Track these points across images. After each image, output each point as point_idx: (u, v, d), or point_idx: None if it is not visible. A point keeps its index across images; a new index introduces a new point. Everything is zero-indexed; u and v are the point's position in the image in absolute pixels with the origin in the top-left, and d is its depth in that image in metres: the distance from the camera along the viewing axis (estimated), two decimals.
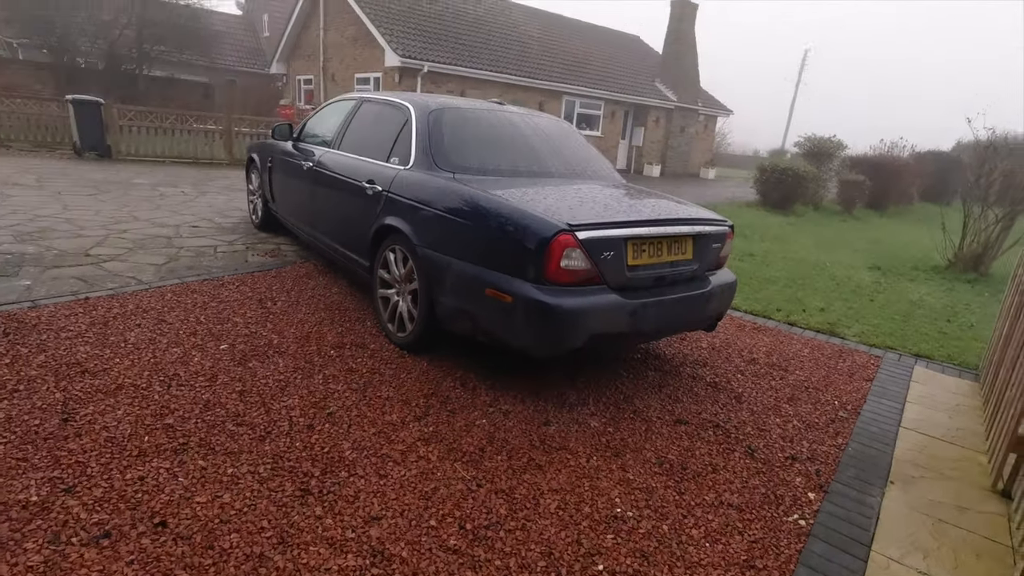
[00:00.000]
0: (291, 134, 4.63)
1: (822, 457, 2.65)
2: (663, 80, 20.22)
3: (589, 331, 2.46)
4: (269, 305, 3.61)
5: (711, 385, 3.27)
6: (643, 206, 2.88)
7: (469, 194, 2.71)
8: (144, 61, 17.10)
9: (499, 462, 2.28)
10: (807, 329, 4.52)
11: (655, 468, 2.38)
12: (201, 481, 1.96)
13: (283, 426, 2.33)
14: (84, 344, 2.80)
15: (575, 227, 2.39)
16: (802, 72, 42.87)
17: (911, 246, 9.49)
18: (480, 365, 3.10)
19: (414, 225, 2.91)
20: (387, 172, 3.22)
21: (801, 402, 3.19)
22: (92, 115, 9.94)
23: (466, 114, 3.35)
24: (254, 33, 25.22)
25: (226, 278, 4.04)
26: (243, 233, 5.42)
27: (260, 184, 5.27)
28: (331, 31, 16.42)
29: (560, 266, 2.39)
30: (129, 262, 4.15)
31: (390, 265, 3.16)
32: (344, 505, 1.93)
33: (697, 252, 2.93)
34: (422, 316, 2.93)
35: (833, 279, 6.33)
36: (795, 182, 11.57)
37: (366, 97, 3.95)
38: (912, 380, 3.69)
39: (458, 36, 15.46)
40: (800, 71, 42.56)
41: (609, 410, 2.82)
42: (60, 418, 2.20)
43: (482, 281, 2.55)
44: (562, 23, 20.53)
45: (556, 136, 3.60)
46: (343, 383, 2.73)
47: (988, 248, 7.08)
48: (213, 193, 7.60)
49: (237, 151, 11.27)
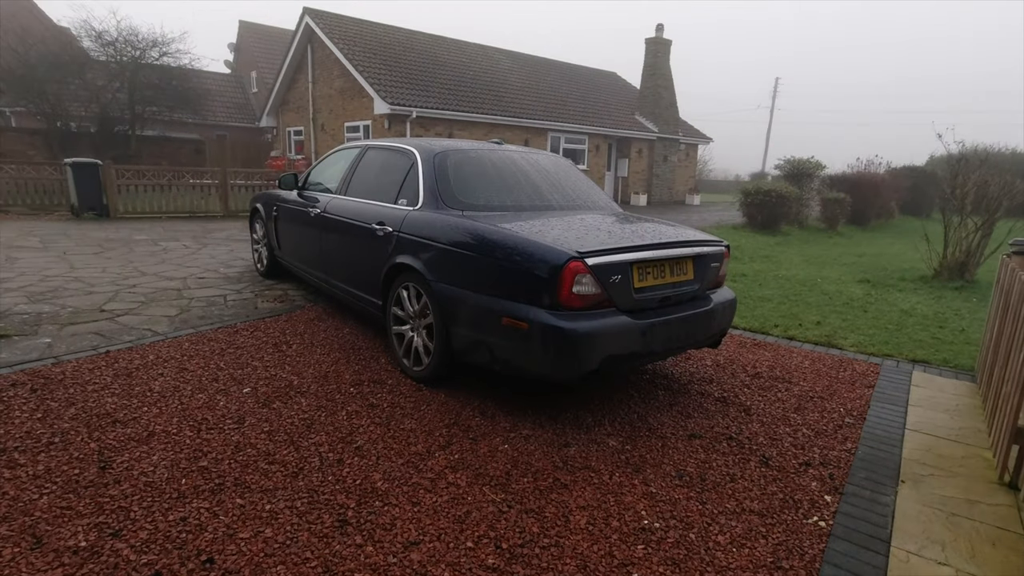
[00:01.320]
0: (296, 183, 4.80)
1: (834, 462, 2.74)
2: (643, 113, 20.92)
3: (604, 353, 2.57)
4: (285, 348, 3.70)
5: (719, 400, 3.37)
6: (644, 231, 3.04)
7: (480, 229, 2.86)
8: (136, 122, 17.48)
9: (526, 484, 2.35)
10: (805, 342, 4.65)
11: (676, 481, 2.46)
12: (241, 518, 2.02)
13: (314, 462, 2.39)
14: (111, 395, 2.87)
15: (584, 254, 2.54)
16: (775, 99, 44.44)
17: (896, 258, 9.76)
18: (496, 394, 3.19)
19: (427, 262, 3.04)
20: (396, 213, 3.37)
21: (808, 411, 3.30)
22: (90, 177, 10.15)
23: (469, 155, 3.54)
24: (243, 89, 25.90)
25: (239, 325, 4.13)
26: (249, 281, 5.53)
27: (265, 233, 5.41)
28: (319, 84, 16.95)
29: (572, 292, 2.52)
30: (143, 315, 4.24)
31: (403, 302, 3.28)
32: (382, 533, 1.99)
33: (697, 272, 3.08)
34: (439, 349, 3.03)
35: (825, 294, 6.51)
36: (779, 203, 11.92)
37: (370, 144, 4.14)
38: (912, 384, 3.81)
39: (443, 82, 16.02)
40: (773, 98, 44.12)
41: (625, 429, 2.91)
42: (98, 466, 2.26)
43: (498, 311, 2.67)
44: (542, 64, 21.32)
45: (554, 171, 3.80)
46: (366, 418, 2.81)
47: (970, 255, 7.32)
48: (214, 245, 7.74)
49: (232, 203, 11.49)
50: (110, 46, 16.42)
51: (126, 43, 16.52)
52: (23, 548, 1.81)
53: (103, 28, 16.53)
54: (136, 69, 16.64)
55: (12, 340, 3.57)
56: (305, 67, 17.36)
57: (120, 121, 17.31)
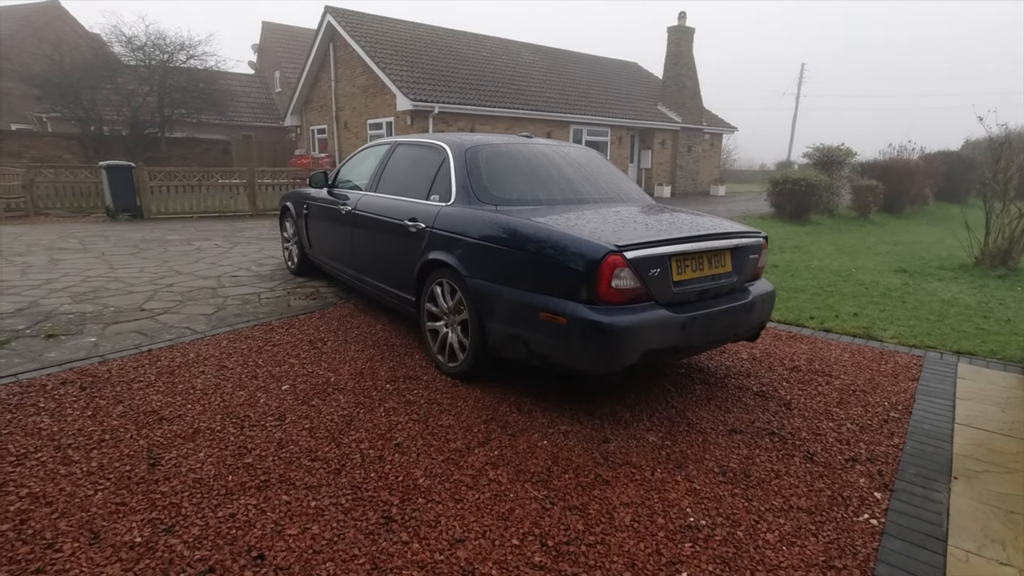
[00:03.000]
0: (326, 181, 4.84)
1: (882, 457, 2.66)
2: (665, 103, 20.61)
3: (643, 347, 2.54)
4: (320, 346, 3.74)
5: (758, 394, 3.30)
6: (681, 223, 2.99)
7: (515, 224, 2.84)
8: (166, 124, 17.89)
9: (567, 480, 2.33)
10: (843, 334, 4.53)
11: (719, 477, 2.42)
12: (288, 515, 2.04)
13: (355, 459, 2.41)
14: (156, 393, 2.94)
15: (622, 247, 2.50)
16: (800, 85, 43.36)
17: (933, 246, 9.45)
18: (531, 389, 3.17)
19: (461, 258, 3.04)
20: (429, 209, 3.37)
21: (851, 405, 3.21)
22: (124, 179, 10.41)
23: (500, 149, 3.52)
24: (267, 89, 26.28)
25: (274, 323, 4.20)
26: (281, 279, 5.61)
27: (296, 231, 5.48)
28: (342, 82, 17.09)
29: (611, 286, 2.48)
30: (181, 314, 4.33)
31: (437, 298, 3.29)
32: (427, 530, 1.99)
33: (736, 264, 3.02)
34: (474, 345, 3.03)
35: (861, 284, 6.33)
36: (808, 192, 11.63)
37: (399, 141, 4.15)
38: (958, 377, 3.68)
39: (465, 77, 16.00)
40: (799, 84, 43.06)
41: (664, 424, 2.87)
42: (148, 463, 2.31)
43: (535, 306, 2.66)
44: (563, 55, 21.15)
45: (586, 164, 3.75)
46: (404, 415, 2.82)
47: (1014, 243, 7.04)
48: (244, 243, 7.87)
49: (260, 203, 11.67)
50: (139, 51, 16.81)
51: (155, 47, 16.89)
52: (82, 543, 1.86)
53: (132, 33, 16.97)
54: (165, 73, 17.01)
55: (60, 339, 3.68)
56: (328, 66, 17.52)
57: (150, 124, 17.73)
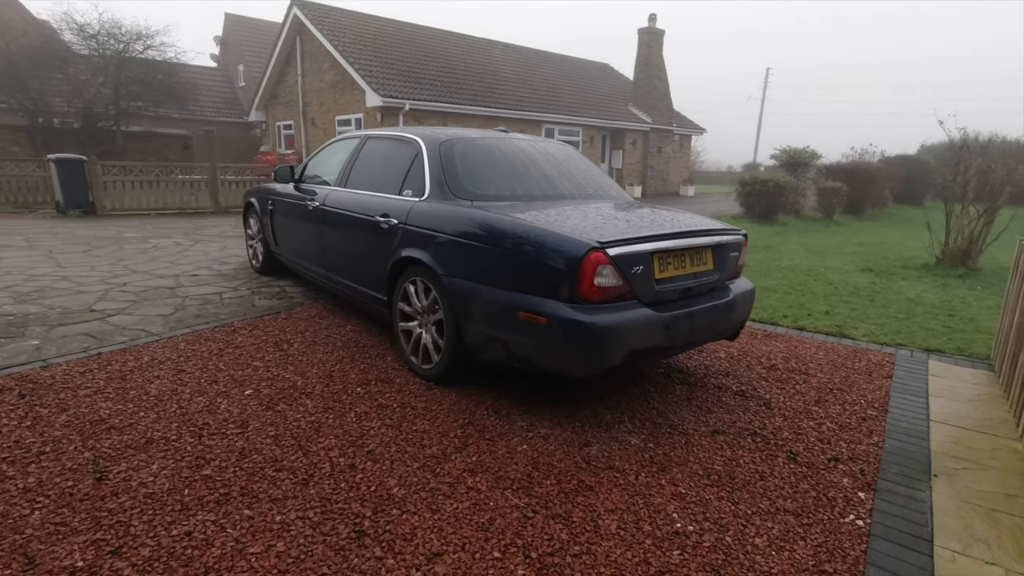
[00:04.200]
0: (292, 176, 4.64)
1: (863, 456, 2.64)
2: (636, 104, 20.79)
3: (627, 347, 2.46)
4: (286, 347, 3.55)
5: (738, 394, 3.27)
6: (663, 220, 2.92)
7: (493, 220, 2.72)
8: (121, 117, 17.11)
9: (549, 487, 2.23)
10: (816, 332, 4.57)
11: (704, 480, 2.36)
12: (251, 531, 1.88)
13: (324, 468, 2.26)
14: (105, 400, 2.72)
15: (605, 244, 2.41)
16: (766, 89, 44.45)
17: (896, 247, 9.73)
18: (509, 392, 3.06)
19: (436, 255, 2.91)
20: (402, 205, 3.23)
21: (829, 404, 3.21)
22: (75, 173, 9.88)
23: (476, 143, 3.40)
24: (230, 84, 25.49)
25: (237, 324, 3.98)
26: (245, 278, 5.36)
27: (260, 228, 5.24)
28: (309, 76, 16.66)
29: (593, 284, 2.40)
30: (136, 315, 4.07)
31: (411, 297, 3.15)
32: (403, 544, 1.86)
33: (717, 262, 2.97)
34: (450, 346, 2.90)
35: (830, 283, 6.43)
36: (777, 193, 11.86)
37: (370, 134, 3.99)
38: (930, 374, 3.73)
39: (436, 74, 15.79)
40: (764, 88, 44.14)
41: (646, 426, 2.80)
42: (93, 477, 2.12)
43: (514, 305, 2.55)
44: (535, 55, 21.11)
45: (564, 159, 3.67)
46: (376, 420, 2.68)
47: (973, 243, 7.28)
48: (206, 241, 7.54)
49: (223, 199, 11.26)
50: (92, 39, 16.02)
51: (109, 36, 16.13)
52: (15, 570, 1.66)
53: (85, 21, 16.14)
54: (120, 63, 16.26)
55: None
56: (294, 60, 17.05)
57: (105, 116, 16.93)
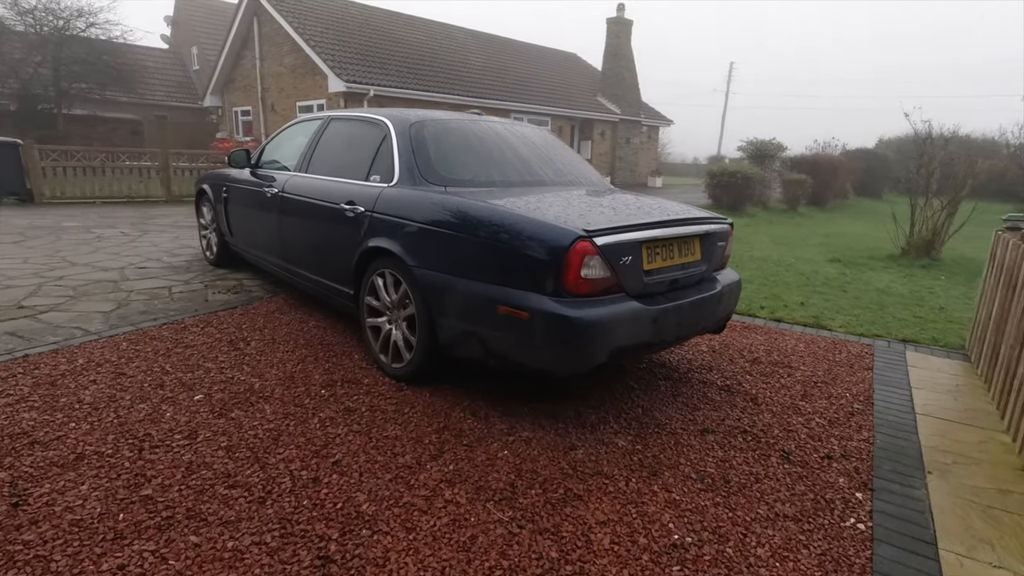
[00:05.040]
0: (248, 161, 4.30)
1: (855, 453, 2.55)
2: (605, 95, 20.73)
3: (614, 344, 2.29)
4: (242, 346, 3.26)
5: (724, 389, 3.16)
6: (649, 208, 2.76)
7: (469, 206, 2.50)
8: (63, 100, 16.06)
9: (534, 497, 2.05)
10: (795, 324, 4.52)
11: (698, 485, 2.22)
12: (197, 562, 1.64)
13: (284, 483, 2.02)
14: (29, 410, 2.40)
15: (592, 233, 2.23)
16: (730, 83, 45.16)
17: (860, 238, 9.91)
18: (486, 392, 2.87)
19: (406, 245, 2.67)
20: (369, 191, 2.97)
21: (815, 398, 3.12)
22: (9, 158, 9.14)
23: (449, 125, 3.16)
24: (183, 67, 24.29)
25: (188, 320, 3.65)
26: (198, 271, 4.98)
27: (215, 217, 4.87)
28: (268, 60, 15.95)
29: (580, 276, 2.21)
30: (72, 311, 3.69)
31: (379, 291, 2.90)
32: (374, 570, 1.65)
33: (705, 252, 2.83)
34: (422, 344, 2.68)
35: (802, 274, 6.45)
36: (744, 184, 11.96)
37: (333, 115, 3.69)
38: (909, 365, 3.71)
39: (402, 60, 15.33)
40: (728, 82, 44.82)
41: (632, 426, 2.65)
42: (9, 503, 1.82)
43: (492, 299, 2.34)
44: (502, 43, 20.78)
45: (542, 144, 3.46)
46: (343, 426, 2.44)
47: (936, 234, 7.43)
48: (156, 232, 7.06)
49: (176, 188, 10.64)
50: (28, 15, 14.96)
51: (47, 11, 15.10)
52: None
53: None
54: (60, 41, 15.25)
55: None
56: (252, 42, 16.28)
57: (44, 99, 15.87)
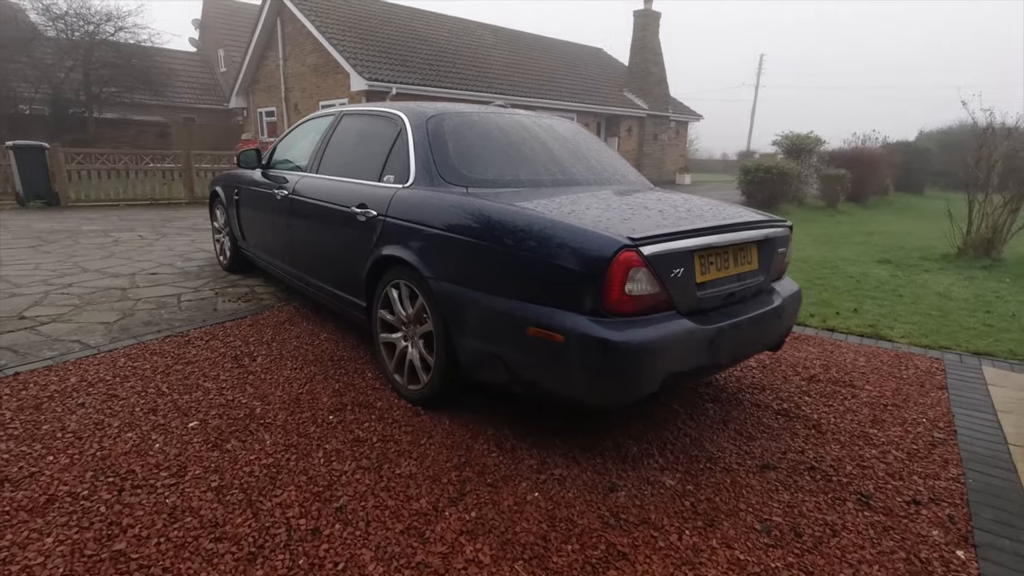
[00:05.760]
0: (259, 161, 4.06)
1: (946, 496, 2.16)
2: (631, 90, 20.21)
3: (665, 370, 1.95)
4: (247, 363, 3.01)
5: (780, 413, 2.78)
6: (701, 210, 2.41)
7: (494, 210, 2.19)
8: (93, 104, 16.28)
9: (571, 555, 1.73)
10: (849, 334, 4.11)
11: (764, 539, 1.86)
12: None
13: (279, 535, 1.74)
14: (7, 439, 2.17)
15: (638, 241, 1.89)
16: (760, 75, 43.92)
17: (908, 236, 9.31)
18: (514, 417, 2.55)
19: (423, 254, 2.37)
20: (382, 193, 2.68)
21: (887, 424, 2.73)
22: (36, 161, 9.17)
23: (471, 118, 2.85)
24: (210, 69, 24.56)
25: (192, 333, 3.42)
26: (210, 277, 4.79)
27: (227, 220, 4.66)
28: (291, 61, 15.90)
29: (624, 292, 1.88)
30: (73, 322, 3.50)
31: (394, 304, 2.61)
32: None
33: (763, 260, 2.47)
34: (440, 365, 2.38)
35: (850, 277, 5.98)
36: (780, 180, 11.40)
37: (345, 111, 3.42)
38: (988, 384, 3.28)
39: (424, 57, 15.11)
40: (758, 75, 43.61)
41: (680, 461, 2.30)
42: None
43: (521, 318, 2.02)
44: (525, 39, 20.42)
45: (573, 139, 3.13)
46: (350, 460, 2.15)
47: (996, 232, 6.85)
48: (173, 235, 6.93)
49: (199, 189, 10.59)
50: (59, 20, 15.19)
51: (77, 16, 15.30)
52: None
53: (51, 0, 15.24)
54: (90, 46, 15.45)
55: None
56: (275, 43, 16.26)
57: (75, 103, 16.11)
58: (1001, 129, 6.86)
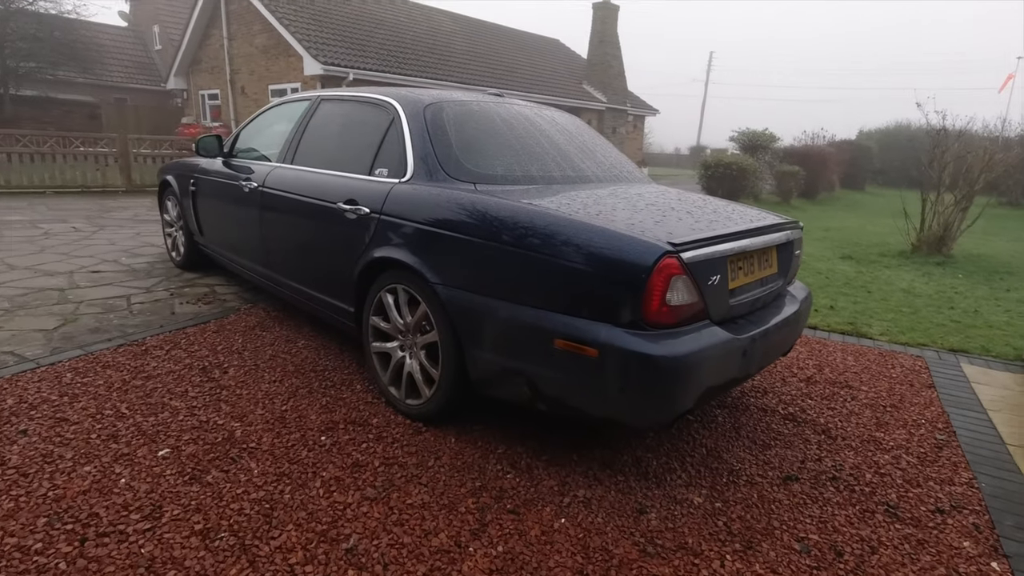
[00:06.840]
0: (220, 148, 3.68)
1: (966, 503, 2.15)
2: (591, 83, 20.22)
3: (704, 384, 1.82)
4: (218, 376, 2.69)
5: (788, 419, 2.73)
6: (725, 212, 2.29)
7: (514, 210, 1.98)
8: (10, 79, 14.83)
9: None
10: (831, 332, 4.16)
11: (806, 559, 1.77)
12: None
13: None
14: None
15: (679, 247, 1.74)
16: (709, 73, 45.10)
17: (862, 232, 9.68)
18: (523, 431, 2.37)
19: (428, 258, 2.15)
20: (375, 188, 2.43)
21: (891, 427, 2.72)
22: None
23: (471, 108, 2.62)
24: (144, 46, 22.89)
25: (149, 341, 3.05)
26: (163, 275, 4.34)
27: (181, 213, 4.24)
28: (237, 40, 14.97)
29: (664, 302, 1.72)
30: (5, 330, 3.05)
31: (389, 311, 2.37)
32: None
33: (781, 263, 2.38)
34: (448, 379, 2.17)
35: (819, 273, 6.11)
36: (739, 176, 11.64)
37: (325, 95, 3.11)
38: (972, 382, 3.36)
39: (382, 42, 14.55)
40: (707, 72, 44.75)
41: (703, 475, 2.19)
42: None
43: (547, 329, 1.84)
44: (485, 27, 20.06)
45: (577, 132, 2.96)
46: (353, 490, 1.92)
47: (947, 230, 7.18)
48: (114, 227, 6.32)
49: (137, 176, 9.80)
50: None
51: None
52: None
53: None
54: (5, 15, 14.01)
55: None
56: (219, 20, 15.26)
57: None
58: (953, 131, 7.18)
